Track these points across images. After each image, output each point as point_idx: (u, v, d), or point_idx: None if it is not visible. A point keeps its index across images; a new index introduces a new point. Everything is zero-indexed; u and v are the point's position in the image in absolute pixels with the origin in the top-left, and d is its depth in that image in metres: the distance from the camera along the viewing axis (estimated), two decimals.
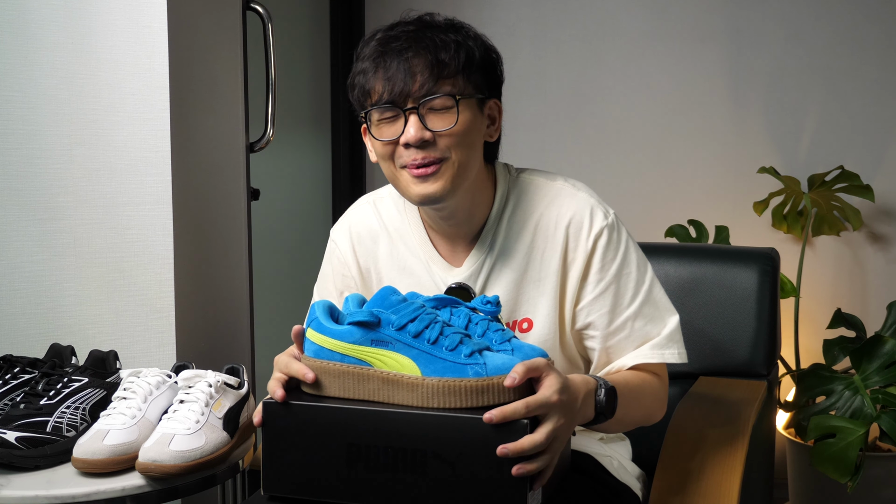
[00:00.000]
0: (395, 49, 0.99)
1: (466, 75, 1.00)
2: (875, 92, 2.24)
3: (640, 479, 1.17)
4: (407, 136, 0.99)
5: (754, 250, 1.48)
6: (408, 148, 1.00)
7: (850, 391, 1.85)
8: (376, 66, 1.00)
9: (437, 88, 0.98)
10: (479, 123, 1.03)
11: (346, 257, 1.15)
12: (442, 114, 0.99)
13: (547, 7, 2.44)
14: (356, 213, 1.17)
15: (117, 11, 1.36)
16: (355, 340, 0.89)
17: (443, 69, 0.98)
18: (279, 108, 1.68)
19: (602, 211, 1.07)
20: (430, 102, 0.99)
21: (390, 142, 1.01)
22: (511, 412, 0.85)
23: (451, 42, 1.00)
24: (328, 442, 0.89)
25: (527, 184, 1.10)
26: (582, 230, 1.05)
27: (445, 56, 0.99)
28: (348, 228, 1.16)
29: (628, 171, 2.40)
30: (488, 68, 1.04)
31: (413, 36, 1.00)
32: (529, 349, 0.94)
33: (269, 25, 1.62)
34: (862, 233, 2.27)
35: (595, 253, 1.05)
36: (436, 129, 0.99)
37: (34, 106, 1.39)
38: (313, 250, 2.56)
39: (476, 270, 1.08)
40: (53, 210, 1.40)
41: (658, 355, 1.06)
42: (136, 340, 1.39)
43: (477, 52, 1.02)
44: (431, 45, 0.99)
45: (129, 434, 1.08)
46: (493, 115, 1.06)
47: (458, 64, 0.99)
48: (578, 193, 1.08)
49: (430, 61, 0.98)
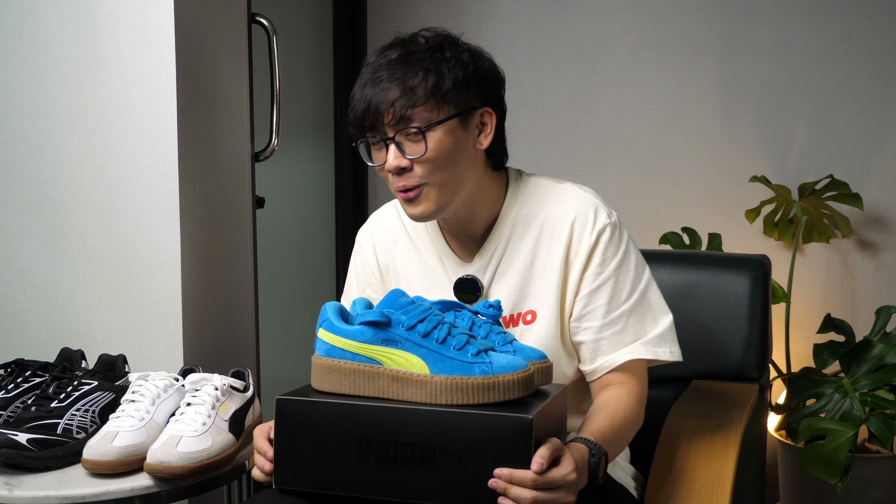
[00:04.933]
0: (376, 79, 1.03)
1: (439, 99, 1.02)
2: (864, 102, 2.27)
3: (637, 480, 1.19)
4: (388, 164, 1.04)
5: (746, 257, 1.49)
6: (392, 174, 1.05)
7: (840, 394, 1.87)
8: (362, 94, 1.04)
9: (408, 116, 1.01)
10: (461, 140, 1.05)
11: (368, 256, 1.21)
12: (415, 141, 1.03)
13: (544, 21, 2.47)
14: (379, 215, 1.23)
15: (126, 25, 1.38)
16: (366, 340, 0.91)
17: (412, 96, 1.01)
18: (284, 118, 1.69)
19: (606, 211, 1.11)
20: (403, 132, 1.02)
21: (380, 167, 1.06)
22: (519, 479, 0.86)
23: (421, 69, 1.02)
24: (339, 437, 0.91)
25: (535, 185, 1.14)
26: (586, 225, 1.09)
27: (413, 82, 1.01)
28: (371, 230, 1.22)
29: (623, 180, 2.42)
30: (470, 82, 1.05)
31: (391, 65, 1.03)
32: (530, 350, 0.97)
33: (274, 38, 1.64)
34: (851, 240, 2.30)
35: (597, 247, 1.09)
36: (411, 156, 1.03)
37: (45, 116, 1.40)
38: (317, 257, 2.59)
39: (484, 265, 1.12)
40: (63, 217, 1.41)
41: (651, 352, 1.08)
42: (144, 345, 1.40)
43: (450, 74, 1.03)
44: (402, 73, 1.02)
45: (138, 436, 1.08)
46: (486, 122, 1.08)
47: (426, 90, 1.01)
48: (585, 194, 1.12)
49: (400, 91, 1.01)
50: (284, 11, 2.32)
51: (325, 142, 2.55)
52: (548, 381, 0.99)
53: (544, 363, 0.98)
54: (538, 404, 0.90)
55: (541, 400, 0.93)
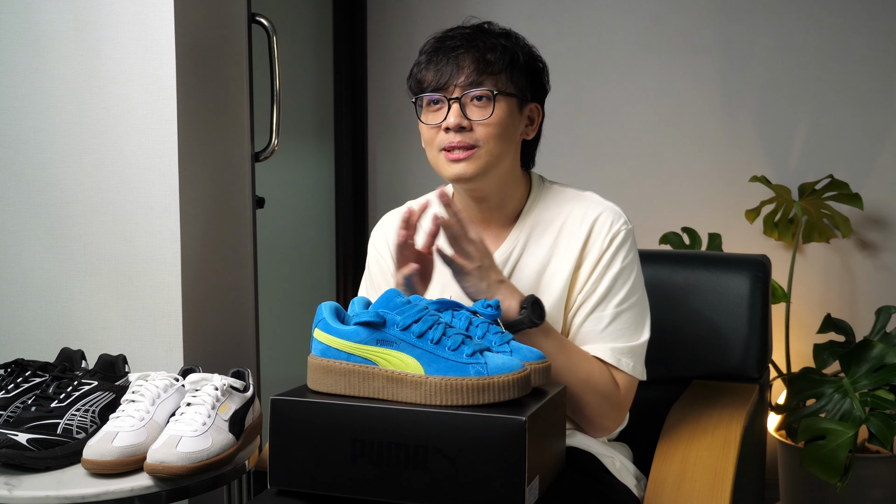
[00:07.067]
0: (448, 47, 1.12)
1: (509, 75, 1.11)
2: (864, 102, 2.27)
3: (640, 481, 1.20)
4: (448, 121, 1.10)
5: (746, 257, 1.49)
6: (447, 132, 1.11)
7: (840, 394, 1.87)
8: (429, 59, 1.13)
9: (479, 81, 1.10)
10: (515, 121, 1.13)
11: (385, 256, 1.24)
12: (482, 106, 1.10)
13: (544, 21, 2.47)
14: (392, 215, 1.28)
15: (126, 25, 1.38)
16: (361, 340, 0.92)
17: (487, 66, 1.10)
18: (284, 118, 1.70)
19: (624, 219, 1.17)
20: (471, 93, 1.10)
21: (435, 126, 1.12)
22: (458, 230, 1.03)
23: (499, 45, 1.12)
24: (333, 437, 0.91)
25: (558, 191, 1.20)
26: (604, 227, 1.15)
27: (492, 56, 1.10)
28: (384, 231, 1.26)
29: (624, 180, 2.43)
30: (533, 74, 1.15)
31: (467, 37, 1.12)
32: (528, 351, 0.97)
33: (274, 38, 1.64)
34: (851, 240, 2.30)
35: (608, 250, 1.14)
36: (473, 118, 1.10)
37: (45, 117, 1.40)
38: (317, 256, 2.59)
39: (502, 264, 1.16)
40: (64, 218, 1.42)
41: (615, 359, 1.12)
42: (144, 345, 1.41)
43: (522, 58, 1.13)
44: (481, 45, 1.11)
45: (138, 436, 1.08)
46: (533, 117, 1.17)
47: (503, 63, 1.11)
48: (605, 202, 1.18)
49: (476, 58, 1.10)
50: (284, 11, 2.32)
51: (325, 142, 2.55)
52: (546, 381, 0.98)
53: (542, 363, 0.98)
54: (533, 405, 0.90)
55: (537, 400, 0.92)
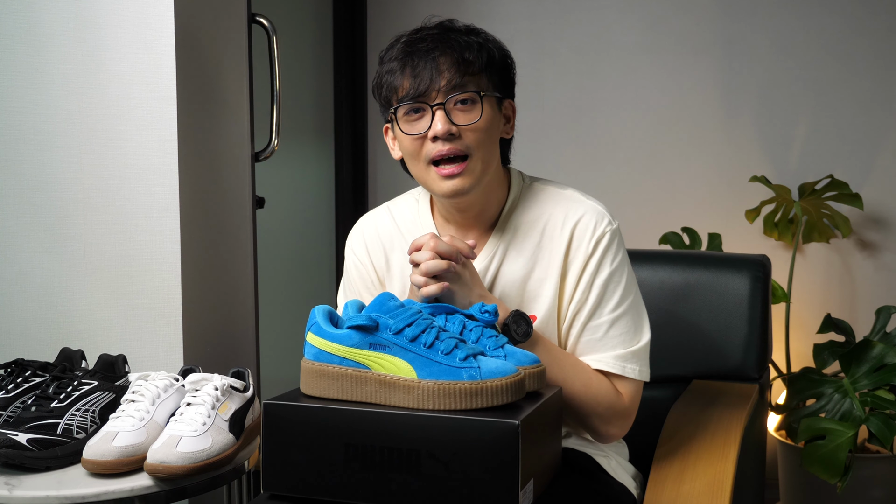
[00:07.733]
0: (421, 49, 1.05)
1: (488, 74, 1.06)
2: (864, 102, 2.27)
3: (637, 479, 1.19)
4: (435, 129, 1.04)
5: (746, 257, 1.49)
6: (435, 141, 1.04)
7: (840, 394, 1.87)
8: (403, 65, 1.05)
9: (462, 83, 1.04)
10: (497, 121, 1.09)
11: (364, 262, 1.19)
12: (467, 110, 1.05)
13: (544, 20, 2.47)
14: (369, 219, 1.21)
15: (126, 25, 1.38)
16: (354, 344, 0.91)
17: (468, 67, 1.04)
18: (284, 118, 1.70)
19: (608, 219, 1.11)
20: (456, 98, 1.04)
21: (418, 136, 1.05)
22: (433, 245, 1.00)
23: (474, 43, 1.06)
24: (326, 442, 0.90)
25: (538, 190, 1.14)
26: (587, 231, 1.09)
27: (470, 55, 1.05)
28: (362, 235, 1.20)
29: (623, 180, 2.43)
30: (505, 70, 1.10)
31: (438, 38, 1.05)
32: (522, 355, 0.96)
33: (274, 38, 1.64)
34: (851, 240, 2.30)
35: (594, 255, 1.09)
36: (460, 123, 1.04)
37: (45, 116, 1.40)
38: (317, 256, 2.60)
39: (486, 266, 1.12)
40: (63, 217, 1.41)
41: (619, 367, 1.08)
42: (144, 345, 1.41)
43: (496, 54, 1.08)
44: (456, 45, 1.05)
45: (138, 436, 1.08)
46: (508, 114, 1.12)
47: (482, 62, 1.05)
48: (587, 201, 1.12)
49: (455, 59, 1.04)
50: (284, 11, 2.32)
51: (325, 142, 2.55)
52: (541, 385, 0.98)
53: (537, 367, 0.97)
54: (527, 409, 0.90)
55: (531, 404, 0.92)
